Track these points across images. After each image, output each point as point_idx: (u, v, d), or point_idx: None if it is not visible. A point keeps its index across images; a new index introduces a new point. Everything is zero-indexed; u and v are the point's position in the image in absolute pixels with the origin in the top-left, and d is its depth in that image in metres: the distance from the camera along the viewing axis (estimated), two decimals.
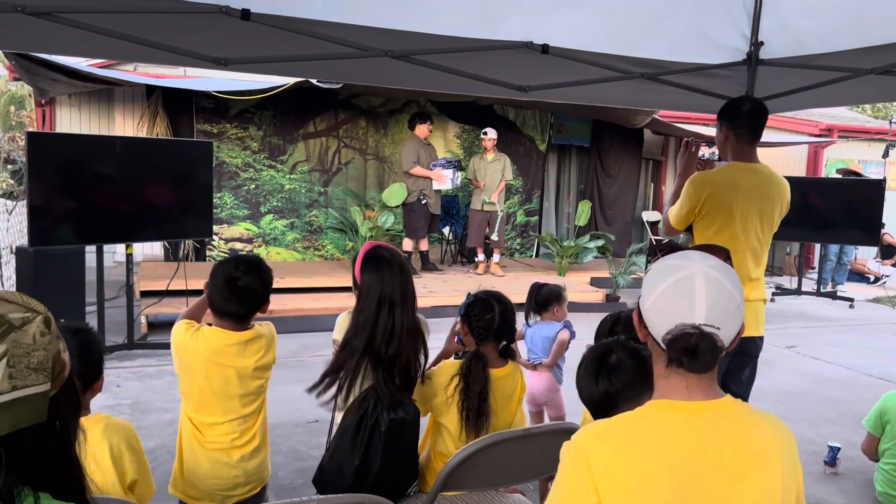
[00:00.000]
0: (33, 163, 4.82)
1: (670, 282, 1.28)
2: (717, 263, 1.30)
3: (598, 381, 1.79)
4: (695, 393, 1.28)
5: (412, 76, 3.17)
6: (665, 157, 12.02)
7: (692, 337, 1.23)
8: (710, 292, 1.25)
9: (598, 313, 7.64)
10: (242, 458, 2.41)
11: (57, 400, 0.99)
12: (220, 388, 2.36)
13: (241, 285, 2.36)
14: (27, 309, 0.99)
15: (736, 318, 1.27)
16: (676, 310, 1.26)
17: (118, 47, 2.54)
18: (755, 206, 3.02)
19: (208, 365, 2.34)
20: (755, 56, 3.23)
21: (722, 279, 1.27)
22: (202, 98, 8.79)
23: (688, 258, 1.31)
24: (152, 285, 7.00)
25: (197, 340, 2.35)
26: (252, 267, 2.43)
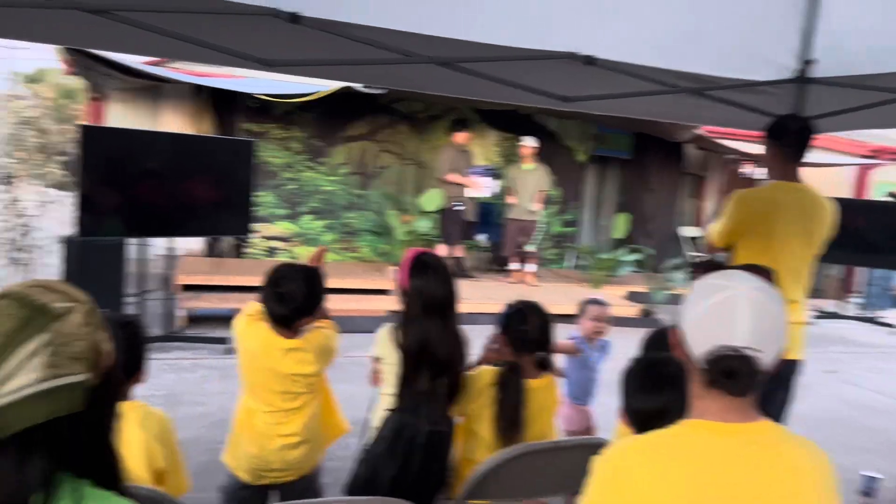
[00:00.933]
0: (85, 155, 4.94)
1: (712, 302, 1.26)
2: (761, 285, 1.28)
3: (659, 394, 1.74)
4: (731, 414, 1.26)
5: (455, 83, 3.18)
6: (707, 172, 11.84)
7: (731, 360, 1.21)
8: (752, 315, 1.22)
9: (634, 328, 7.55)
10: (283, 447, 2.44)
11: (96, 389, 1.00)
12: (262, 381, 2.43)
13: (281, 292, 2.38)
14: (70, 298, 1.00)
15: (778, 342, 1.25)
16: (717, 331, 1.24)
17: (169, 45, 2.60)
18: (797, 226, 2.96)
19: (254, 357, 2.42)
20: (805, 74, 3.17)
21: (765, 301, 1.25)
22: (247, 98, 8.92)
23: (731, 278, 1.29)
24: (192, 280, 7.12)
25: (250, 332, 2.43)
26: (299, 274, 2.42)
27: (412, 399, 2.26)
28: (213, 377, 5.05)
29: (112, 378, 1.05)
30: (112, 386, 1.05)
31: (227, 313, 6.60)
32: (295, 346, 2.42)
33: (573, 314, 7.73)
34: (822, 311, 9.56)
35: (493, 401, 2.34)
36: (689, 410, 1.32)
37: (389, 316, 7.31)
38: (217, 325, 6.37)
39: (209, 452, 3.68)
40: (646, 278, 8.61)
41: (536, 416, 2.43)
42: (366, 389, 5.08)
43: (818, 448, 1.31)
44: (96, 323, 1.02)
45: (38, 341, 0.94)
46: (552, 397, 2.53)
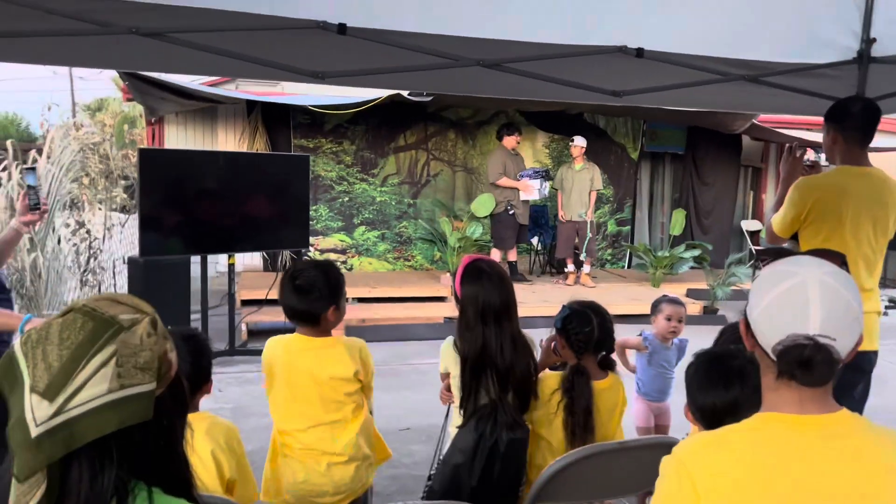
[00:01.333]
0: (144, 177, 5.11)
1: (781, 289, 1.20)
2: (833, 270, 1.22)
3: (728, 388, 1.68)
4: (808, 406, 1.20)
5: (503, 85, 3.17)
6: (765, 163, 11.53)
7: (805, 349, 1.15)
8: (824, 301, 1.17)
9: (696, 326, 7.38)
10: (330, 465, 2.36)
11: (163, 398, 1.02)
12: (301, 393, 2.36)
13: (298, 283, 2.34)
14: (136, 310, 1.03)
15: (853, 329, 1.18)
16: (788, 319, 1.18)
17: (222, 64, 2.67)
18: (867, 211, 2.84)
19: (287, 369, 2.38)
20: (867, 54, 3.05)
21: (838, 287, 1.19)
22: (299, 114, 9.10)
23: (800, 264, 1.23)
24: (252, 294, 7.26)
25: (277, 346, 2.41)
26: (313, 266, 2.43)
27: (485, 409, 2.23)
28: None
29: (178, 387, 1.08)
30: (178, 395, 1.08)
31: (287, 326, 6.71)
32: (328, 345, 2.39)
33: (631, 314, 7.60)
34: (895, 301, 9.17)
35: (561, 406, 2.31)
36: (761, 404, 1.27)
37: (446, 323, 7.35)
38: None
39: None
40: (706, 275, 8.40)
41: (606, 419, 2.40)
42: (425, 396, 5.09)
43: None
44: (161, 333, 1.04)
45: (106, 353, 0.97)
46: (619, 397, 2.48)
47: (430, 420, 4.49)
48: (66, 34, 2.38)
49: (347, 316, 6.78)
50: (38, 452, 0.92)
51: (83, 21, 2.24)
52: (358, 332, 6.56)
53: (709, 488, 1.17)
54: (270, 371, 2.42)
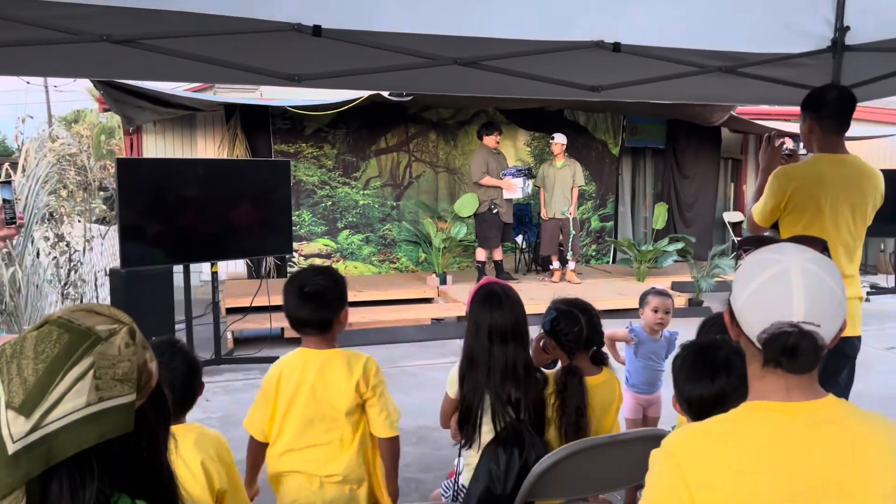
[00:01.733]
0: (123, 188, 5.05)
1: (765, 277, 1.20)
2: (815, 256, 1.22)
3: (714, 379, 1.68)
4: (794, 393, 1.20)
5: (482, 82, 3.17)
6: (745, 155, 11.62)
7: (791, 336, 1.15)
8: (808, 288, 1.16)
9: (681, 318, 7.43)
10: (322, 486, 2.29)
11: (144, 409, 1.00)
12: (298, 410, 2.26)
13: (308, 291, 2.26)
14: (113, 320, 1.01)
15: (837, 315, 1.18)
16: (772, 307, 1.18)
17: (197, 69, 2.64)
18: (845, 198, 2.86)
19: (283, 385, 2.27)
20: (841, 42, 3.08)
21: (821, 273, 1.19)
22: (279, 119, 9.05)
23: (783, 251, 1.23)
24: (237, 302, 7.21)
25: (277, 365, 2.32)
26: (320, 271, 2.37)
27: (508, 432, 2.22)
28: None
29: (160, 397, 1.06)
30: (160, 405, 1.06)
31: (273, 333, 6.68)
32: (334, 356, 2.30)
33: (617, 309, 7.63)
34: (876, 287, 9.27)
35: (554, 408, 2.31)
36: (748, 393, 1.27)
37: (434, 324, 7.33)
38: (263, 345, 6.43)
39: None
40: (690, 267, 8.45)
41: (601, 415, 2.40)
42: (414, 399, 5.08)
43: (889, 423, 1.24)
44: (140, 343, 1.02)
45: (83, 365, 0.94)
46: (614, 392, 2.48)
47: (419, 422, 4.47)
48: (35, 43, 2.34)
49: None
50: (16, 469, 0.90)
51: (53, 29, 2.21)
52: (345, 336, 6.52)
53: (699, 479, 1.16)
54: (274, 391, 2.28)
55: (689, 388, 1.73)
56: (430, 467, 3.70)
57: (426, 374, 5.64)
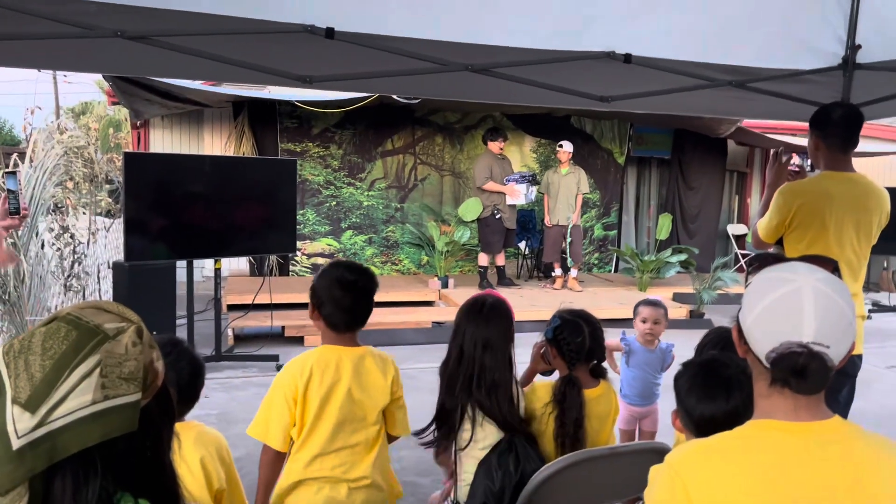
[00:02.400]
0: (129, 181, 5.06)
1: (776, 296, 1.19)
2: (827, 277, 1.21)
3: (729, 399, 1.65)
4: (801, 413, 1.20)
5: (492, 90, 3.17)
6: (750, 168, 11.61)
7: (800, 357, 1.14)
8: (818, 308, 1.16)
9: (682, 330, 7.42)
10: (350, 491, 2.19)
11: (150, 409, 1.00)
12: (333, 412, 2.15)
13: (362, 285, 2.24)
14: (121, 318, 1.01)
15: (847, 336, 1.18)
16: (782, 327, 1.17)
17: (209, 67, 2.64)
18: (850, 216, 2.86)
19: (314, 385, 2.15)
20: (852, 60, 3.07)
21: (832, 294, 1.18)
22: (286, 118, 9.07)
23: (795, 271, 1.22)
24: (239, 299, 7.22)
25: (301, 365, 2.19)
26: (360, 269, 2.32)
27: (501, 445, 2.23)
28: (265, 395, 5.09)
29: (165, 397, 1.05)
30: (165, 404, 1.06)
31: (274, 331, 6.68)
32: (366, 353, 2.28)
33: (618, 318, 7.61)
34: (878, 305, 9.26)
35: (551, 418, 2.30)
36: (754, 411, 1.27)
37: (434, 327, 7.32)
38: (264, 343, 6.44)
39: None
40: (692, 279, 8.44)
41: (598, 427, 2.39)
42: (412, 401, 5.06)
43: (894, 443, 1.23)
44: (147, 342, 1.02)
45: (90, 363, 0.95)
46: (611, 405, 2.48)
47: (417, 425, 4.47)
48: (49, 37, 2.35)
49: None
50: (20, 465, 0.90)
51: (66, 24, 2.21)
52: None
53: (702, 497, 1.16)
54: (302, 393, 2.16)
55: (701, 408, 1.67)
56: (428, 471, 3.69)
57: (425, 376, 5.63)
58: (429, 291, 8.40)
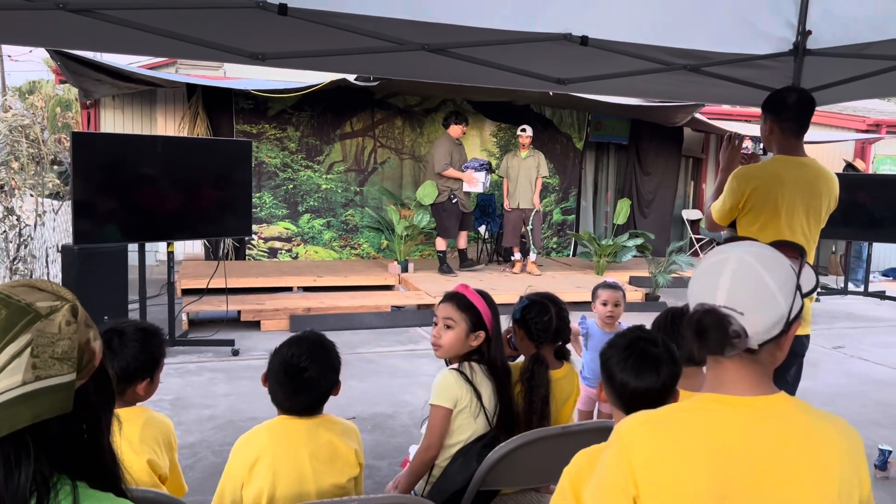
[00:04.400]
0: (78, 162, 4.91)
1: (707, 264, 1.25)
2: (761, 250, 1.24)
3: (659, 374, 1.68)
4: (745, 387, 1.22)
5: (449, 70, 3.15)
6: (706, 154, 11.81)
7: (703, 316, 1.19)
8: (735, 275, 1.20)
9: (637, 313, 7.51)
10: None
11: (86, 390, 0.97)
12: (294, 489, 1.88)
13: (307, 377, 1.90)
14: (56, 297, 0.98)
15: (765, 308, 1.18)
16: (701, 292, 1.22)
17: (158, 43, 2.56)
18: (801, 201, 2.92)
19: (275, 457, 1.87)
20: (802, 46, 3.13)
21: (756, 264, 1.20)
22: (241, 99, 8.90)
23: (734, 246, 1.26)
24: (193, 283, 7.09)
25: (256, 432, 1.94)
26: (316, 351, 1.95)
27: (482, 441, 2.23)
28: (220, 380, 5.03)
29: (103, 378, 1.02)
30: (104, 386, 1.02)
31: (230, 316, 6.59)
32: (323, 419, 1.96)
33: (576, 301, 7.69)
34: (826, 288, 9.52)
35: (520, 397, 2.32)
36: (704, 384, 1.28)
37: (393, 311, 7.30)
38: (220, 328, 6.35)
39: (218, 454, 3.67)
40: (648, 263, 8.57)
41: (560, 407, 2.43)
42: (371, 385, 5.06)
43: (845, 423, 1.25)
44: (83, 321, 0.98)
45: (20, 342, 0.91)
46: (573, 386, 2.52)
47: (376, 409, 4.47)
48: None
49: (292, 305, 6.75)
50: None
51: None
52: (303, 322, 6.48)
53: (642, 464, 1.18)
54: (237, 465, 1.90)
55: (634, 384, 1.67)
56: (385, 455, 3.70)
57: (384, 361, 5.62)
58: (388, 275, 8.37)
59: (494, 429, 2.26)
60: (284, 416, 1.96)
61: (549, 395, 2.32)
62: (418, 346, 6.09)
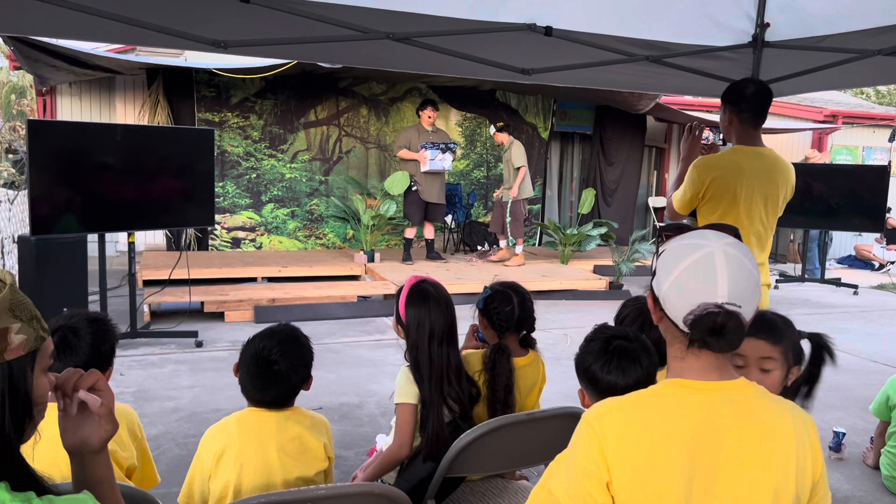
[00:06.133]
0: (34, 151, 4.79)
1: (690, 261, 1.24)
2: (734, 241, 1.28)
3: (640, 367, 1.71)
4: (710, 373, 1.26)
5: (414, 59, 3.14)
6: (668, 144, 11.97)
7: (718, 316, 1.20)
8: (731, 271, 1.22)
9: (602, 301, 7.58)
10: None
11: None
12: (261, 480, 1.88)
13: (277, 370, 1.91)
14: None
15: (755, 297, 1.24)
16: (698, 290, 1.22)
17: (117, 30, 2.51)
18: (759, 190, 2.99)
19: (242, 448, 1.88)
20: (761, 38, 3.19)
21: (741, 257, 1.24)
22: (203, 87, 8.76)
23: (705, 237, 1.28)
24: (155, 274, 6.99)
25: (225, 424, 1.94)
26: (289, 344, 1.96)
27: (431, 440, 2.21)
28: (183, 371, 4.97)
29: (16, 369, 0.96)
30: (15, 378, 0.96)
31: (193, 307, 6.51)
32: (293, 412, 1.97)
33: (541, 290, 7.73)
34: (784, 275, 9.75)
35: (483, 385, 2.34)
36: (668, 372, 1.32)
37: (360, 302, 7.25)
38: (183, 319, 6.27)
39: (182, 447, 3.63)
40: (611, 251, 8.67)
41: (525, 395, 2.45)
42: (337, 376, 5.05)
43: (799, 407, 1.31)
44: (5, 308, 0.94)
45: None
46: (538, 373, 2.54)
47: (343, 399, 4.46)
48: None
49: (257, 296, 6.69)
50: None
51: None
52: (268, 313, 6.43)
53: (614, 448, 1.21)
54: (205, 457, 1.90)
55: (622, 382, 1.71)
56: (352, 444, 3.70)
57: (350, 351, 5.61)
58: (354, 266, 8.34)
59: (458, 418, 2.28)
60: (254, 408, 1.96)
61: (513, 383, 2.35)
62: (385, 336, 6.09)
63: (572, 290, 7.94)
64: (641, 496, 1.19)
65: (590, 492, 1.22)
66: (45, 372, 1.04)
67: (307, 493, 1.63)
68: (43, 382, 1.03)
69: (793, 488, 1.22)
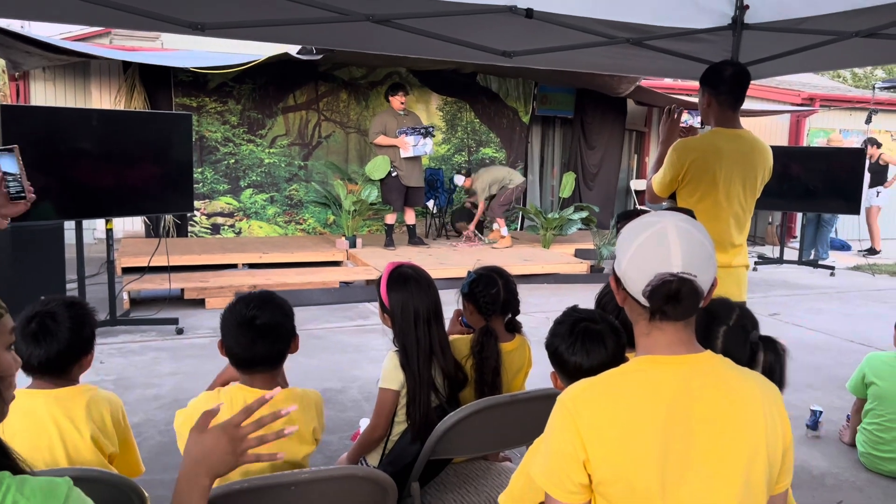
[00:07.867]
0: (8, 137, 4.71)
1: (644, 236, 1.29)
2: (686, 217, 1.33)
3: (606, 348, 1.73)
4: (677, 348, 1.30)
5: (394, 41, 3.12)
6: (648, 128, 12.01)
7: (672, 283, 1.25)
8: (682, 241, 1.27)
9: (583, 284, 7.63)
10: None
11: None
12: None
13: (260, 324, 1.88)
14: None
15: (710, 267, 1.29)
16: (653, 262, 1.27)
17: (91, 12, 2.46)
18: (738, 172, 3.01)
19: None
20: (740, 20, 3.20)
21: (692, 229, 1.30)
22: (180, 71, 8.65)
23: (658, 216, 1.33)
24: (134, 262, 6.92)
25: (214, 396, 1.92)
26: (265, 301, 1.96)
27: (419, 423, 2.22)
28: (164, 359, 4.94)
29: None
30: None
31: (172, 294, 6.46)
32: (286, 395, 1.94)
33: (523, 274, 7.76)
34: (763, 257, 9.85)
35: (471, 369, 2.34)
36: (637, 350, 1.35)
37: (342, 287, 7.24)
38: (163, 306, 6.22)
39: (164, 434, 3.62)
40: (592, 235, 8.71)
41: (511, 379, 2.46)
42: (319, 362, 5.05)
43: (764, 378, 1.36)
44: None
45: None
46: (524, 357, 2.54)
47: (326, 385, 4.46)
48: None
49: (238, 282, 6.65)
50: None
51: None
52: None
53: (589, 427, 1.24)
54: None
55: (588, 362, 1.73)
56: (335, 429, 3.70)
57: (333, 337, 5.60)
58: (336, 251, 8.31)
59: (445, 402, 2.29)
60: (242, 385, 1.92)
61: (500, 366, 2.36)
62: (367, 322, 6.08)
63: (554, 275, 7.98)
64: (618, 471, 1.23)
65: (567, 472, 1.25)
66: (8, 348, 1.05)
67: (291, 477, 1.63)
68: (6, 358, 1.03)
69: (764, 453, 1.26)
